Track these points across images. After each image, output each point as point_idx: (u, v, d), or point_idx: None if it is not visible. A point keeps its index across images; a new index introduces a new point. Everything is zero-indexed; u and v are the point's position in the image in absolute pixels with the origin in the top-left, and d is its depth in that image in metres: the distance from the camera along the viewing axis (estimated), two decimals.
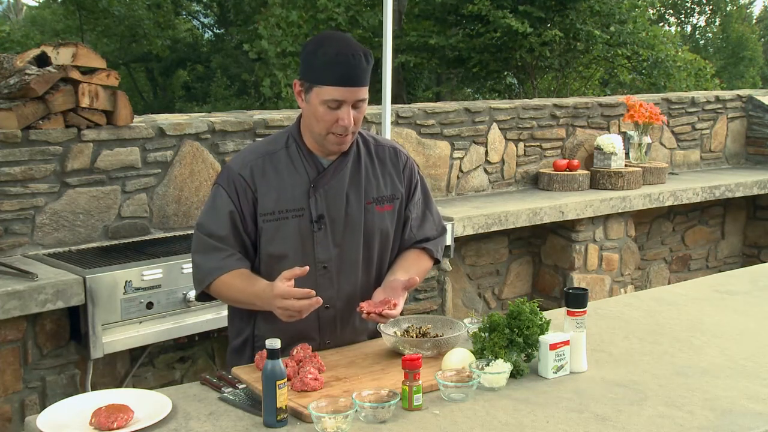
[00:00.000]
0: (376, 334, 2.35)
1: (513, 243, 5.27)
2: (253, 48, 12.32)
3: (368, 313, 2.18)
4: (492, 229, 4.60)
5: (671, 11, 23.15)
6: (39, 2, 23.88)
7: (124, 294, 3.19)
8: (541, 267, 5.31)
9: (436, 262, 2.50)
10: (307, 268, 2.10)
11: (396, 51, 12.59)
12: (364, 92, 2.20)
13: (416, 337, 2.23)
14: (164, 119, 3.92)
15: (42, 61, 3.53)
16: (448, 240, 4.18)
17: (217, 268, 2.22)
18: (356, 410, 1.81)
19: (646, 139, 5.64)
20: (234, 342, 2.39)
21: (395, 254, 2.43)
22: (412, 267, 2.38)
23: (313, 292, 2.07)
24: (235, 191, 2.23)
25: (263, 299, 2.14)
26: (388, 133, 4.18)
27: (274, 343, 1.82)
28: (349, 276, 2.31)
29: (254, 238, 2.26)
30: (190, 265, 2.32)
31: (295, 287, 2.18)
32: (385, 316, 2.18)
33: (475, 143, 5.09)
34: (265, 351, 1.87)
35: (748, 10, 26.24)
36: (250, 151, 2.33)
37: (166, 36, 19.35)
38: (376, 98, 3.95)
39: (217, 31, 21.76)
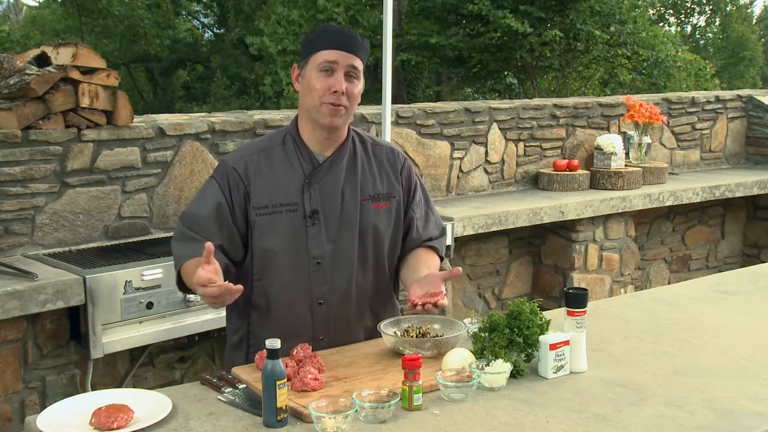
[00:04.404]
0: (373, 333, 2.34)
1: (513, 243, 5.27)
2: (253, 44, 12.33)
3: (423, 304, 2.15)
4: (492, 229, 4.60)
5: (671, 11, 23.16)
6: (39, 2, 23.88)
7: (124, 294, 3.19)
8: (541, 267, 5.31)
9: (440, 261, 2.51)
10: (210, 245, 1.98)
11: (396, 50, 12.59)
12: (357, 62, 2.22)
13: (416, 337, 2.22)
14: (164, 119, 3.92)
15: (42, 61, 3.53)
16: (448, 240, 4.19)
17: (185, 254, 2.21)
18: (356, 410, 1.80)
19: (646, 139, 5.64)
20: (231, 339, 2.39)
21: (398, 255, 2.43)
22: (431, 264, 2.38)
23: (229, 285, 1.96)
24: (227, 184, 2.24)
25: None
26: (388, 132, 4.18)
27: (274, 343, 1.82)
28: (343, 272, 2.30)
29: (244, 232, 2.26)
30: None
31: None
32: (438, 306, 2.17)
33: (475, 143, 5.09)
34: (265, 351, 1.87)
35: (748, 10, 26.26)
36: (247, 147, 2.35)
37: (165, 36, 19.36)
38: (376, 98, 3.97)
39: (217, 31, 21.77)
